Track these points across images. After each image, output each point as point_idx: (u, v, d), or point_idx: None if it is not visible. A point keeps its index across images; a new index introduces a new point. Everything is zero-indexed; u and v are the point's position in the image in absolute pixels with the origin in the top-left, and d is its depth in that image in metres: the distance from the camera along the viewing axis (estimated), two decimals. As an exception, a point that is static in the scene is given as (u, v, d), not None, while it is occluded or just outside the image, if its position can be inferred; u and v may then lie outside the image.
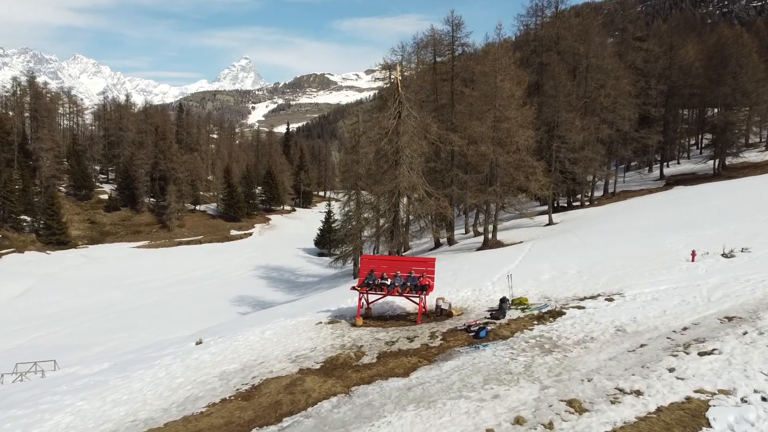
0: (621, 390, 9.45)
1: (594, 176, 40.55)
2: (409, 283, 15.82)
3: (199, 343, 17.89)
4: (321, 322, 16.33)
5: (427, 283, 15.73)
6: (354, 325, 15.70)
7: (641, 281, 16.25)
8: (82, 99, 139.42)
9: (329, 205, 73.00)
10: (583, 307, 14.57)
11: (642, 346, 11.82)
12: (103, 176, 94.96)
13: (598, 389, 9.80)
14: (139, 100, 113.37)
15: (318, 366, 12.41)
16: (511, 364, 11.57)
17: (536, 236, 30.07)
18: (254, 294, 48.77)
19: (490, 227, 31.50)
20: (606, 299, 15.10)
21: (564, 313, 14.26)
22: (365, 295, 16.40)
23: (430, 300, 17.00)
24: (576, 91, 36.87)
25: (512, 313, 14.84)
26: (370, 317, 16.46)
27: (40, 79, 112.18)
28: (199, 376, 12.56)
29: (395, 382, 11.08)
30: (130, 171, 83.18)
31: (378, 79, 40.61)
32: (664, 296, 14.75)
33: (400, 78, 29.07)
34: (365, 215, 33.85)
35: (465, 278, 19.61)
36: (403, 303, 17.33)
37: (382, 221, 35.98)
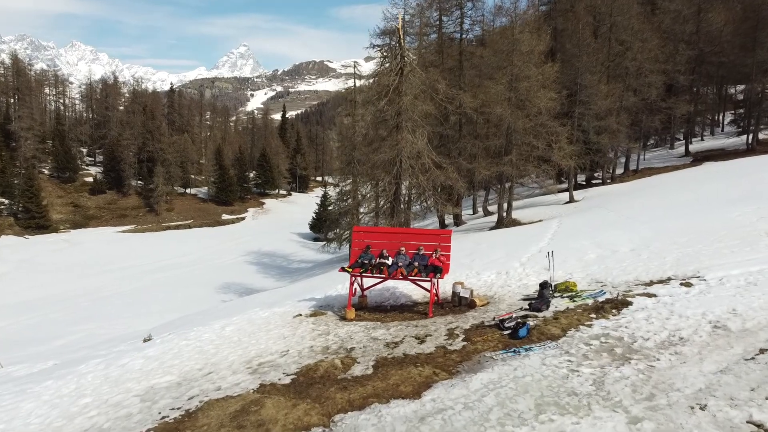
0: (760, 425, 5.81)
1: (616, 150, 36.49)
2: (416, 263, 11.91)
3: (147, 340, 14.03)
4: (300, 315, 12.43)
5: (441, 263, 11.80)
6: (344, 318, 11.82)
7: (722, 261, 12.38)
8: (81, 86, 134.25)
9: (325, 188, 68.92)
10: (654, 295, 10.75)
11: (763, 351, 8.09)
12: (90, 158, 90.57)
13: (721, 424, 6.26)
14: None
15: (287, 380, 8.55)
16: (573, 378, 7.84)
17: (558, 214, 26.14)
18: (242, 281, 45.01)
19: (505, 204, 27.57)
20: (682, 284, 11.26)
21: (630, 303, 10.45)
22: (358, 278, 12.49)
23: (445, 285, 13.11)
24: (599, 53, 32.71)
25: (558, 303, 10.99)
26: (365, 308, 12.57)
27: (38, 66, 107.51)
28: (116, 394, 8.68)
29: (401, 407, 7.31)
30: (116, 152, 78.80)
31: (376, 46, 36.12)
32: (762, 280, 10.93)
33: (402, 29, 24.93)
34: (362, 191, 29.83)
35: (485, 259, 15.71)
36: (409, 289, 13.43)
37: (381, 202, 31.97)
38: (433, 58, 33.22)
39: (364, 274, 12.01)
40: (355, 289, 12.46)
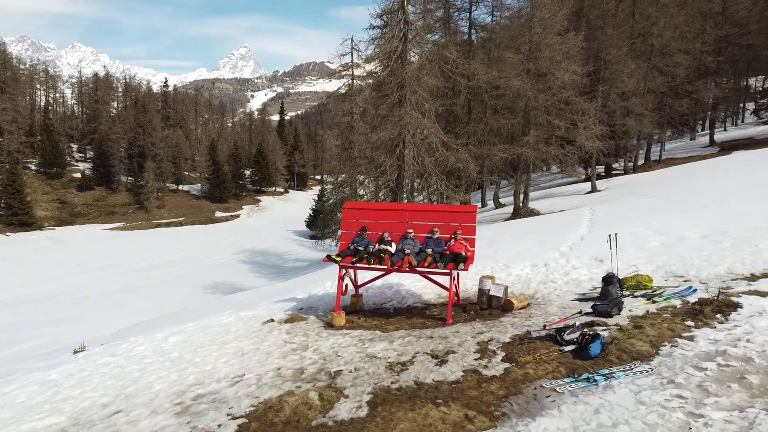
0: None
1: (640, 137, 33.24)
2: (429, 250, 8.70)
3: (78, 351, 10.87)
4: (272, 320, 9.23)
5: (463, 249, 8.60)
6: (330, 325, 8.61)
7: (840, 248, 9.19)
8: (70, 78, 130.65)
9: (323, 184, 65.67)
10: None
11: None
12: (80, 155, 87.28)
13: None
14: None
15: (232, 427, 5.35)
16: (701, 431, 4.64)
17: (583, 203, 22.94)
18: (233, 280, 41.81)
19: (521, 193, 24.39)
20: (799, 278, 8.08)
21: (738, 305, 7.33)
22: (351, 271, 9.29)
23: (465, 281, 9.94)
24: (624, 24, 29.47)
25: (631, 304, 7.80)
26: (359, 311, 9.38)
27: (39, 68, 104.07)
28: (-41, 448, 5.48)
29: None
30: (105, 146, 75.41)
31: (376, 27, 32.77)
32: None
33: (406, -7, 21.73)
34: (360, 178, 26.62)
35: (512, 249, 12.51)
36: (419, 286, 10.25)
37: (381, 194, 28.70)
38: (438, 37, 29.97)
39: (357, 265, 8.80)
40: (346, 285, 9.26)
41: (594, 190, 27.48)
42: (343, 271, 8.96)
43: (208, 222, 72.94)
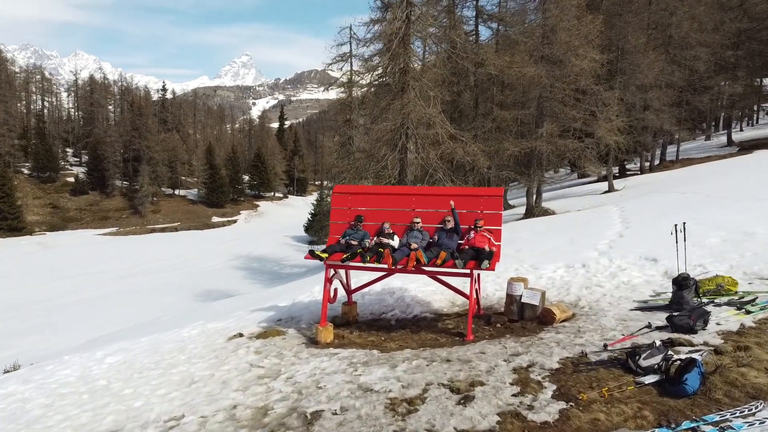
0: None
1: (658, 134, 31.24)
2: (442, 243, 6.72)
3: (8, 371, 8.88)
4: (241, 335, 7.23)
5: (487, 243, 6.62)
6: (314, 341, 6.61)
7: None
8: (67, 83, 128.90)
9: (322, 188, 63.72)
10: None
11: None
12: (75, 159, 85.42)
13: None
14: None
15: None
16: None
17: (602, 202, 20.94)
18: (226, 287, 39.73)
19: (534, 190, 22.41)
20: None
21: None
22: (341, 272, 7.31)
23: (485, 286, 7.96)
24: (642, 12, 27.55)
25: (718, 315, 5.78)
26: (352, 323, 7.38)
27: (36, 72, 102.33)
28: None
29: None
30: (99, 150, 73.39)
31: (376, 21, 30.89)
32: None
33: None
34: (360, 175, 24.62)
35: (538, 248, 10.52)
36: (427, 291, 8.24)
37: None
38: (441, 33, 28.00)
39: (349, 264, 6.79)
40: (336, 290, 7.27)
41: (611, 189, 25.49)
42: (332, 271, 6.97)
43: (204, 227, 70.74)
